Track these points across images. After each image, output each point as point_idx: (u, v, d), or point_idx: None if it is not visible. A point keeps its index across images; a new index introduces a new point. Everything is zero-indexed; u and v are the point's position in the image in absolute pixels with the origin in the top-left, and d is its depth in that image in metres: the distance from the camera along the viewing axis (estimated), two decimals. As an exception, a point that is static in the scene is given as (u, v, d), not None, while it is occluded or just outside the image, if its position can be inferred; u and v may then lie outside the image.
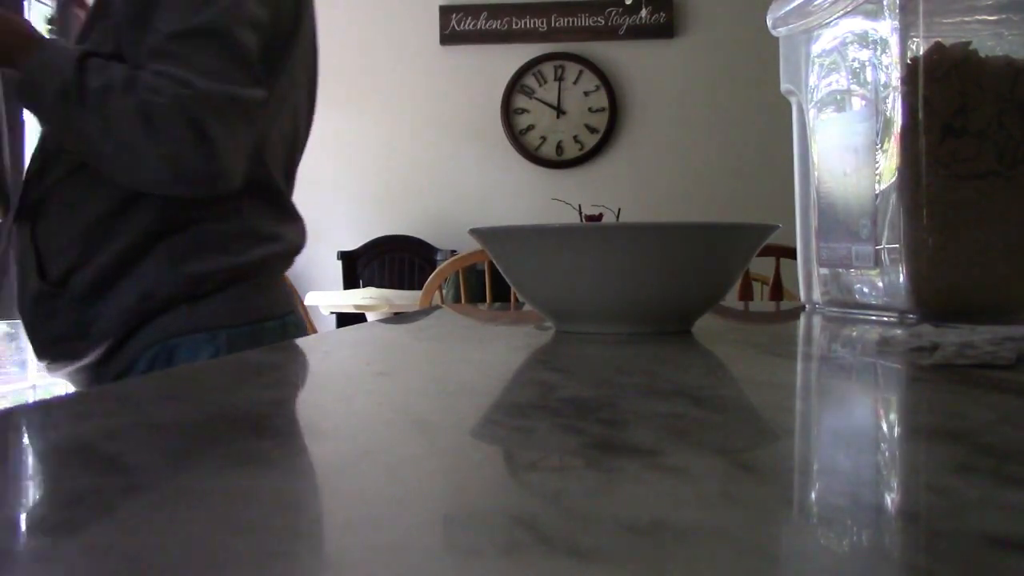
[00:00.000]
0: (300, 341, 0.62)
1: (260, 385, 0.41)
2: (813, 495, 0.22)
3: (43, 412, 0.33)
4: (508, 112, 4.10)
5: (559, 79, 4.11)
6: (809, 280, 0.89)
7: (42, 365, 1.02)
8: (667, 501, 0.20)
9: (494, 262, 0.65)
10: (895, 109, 0.71)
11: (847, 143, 0.80)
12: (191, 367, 0.47)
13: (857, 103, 0.78)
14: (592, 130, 4.07)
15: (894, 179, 0.71)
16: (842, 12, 0.79)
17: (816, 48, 0.86)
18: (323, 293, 3.35)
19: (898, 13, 0.70)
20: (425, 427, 0.31)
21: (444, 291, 2.34)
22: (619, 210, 3.76)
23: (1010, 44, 0.71)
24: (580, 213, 3.49)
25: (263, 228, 1.03)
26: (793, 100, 0.92)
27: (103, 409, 0.34)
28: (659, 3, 4.03)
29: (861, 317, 0.78)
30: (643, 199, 3.99)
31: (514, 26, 4.07)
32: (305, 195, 1.28)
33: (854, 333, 0.65)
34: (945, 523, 0.18)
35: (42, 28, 1.02)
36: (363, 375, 0.46)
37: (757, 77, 3.67)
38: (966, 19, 0.71)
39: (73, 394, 0.37)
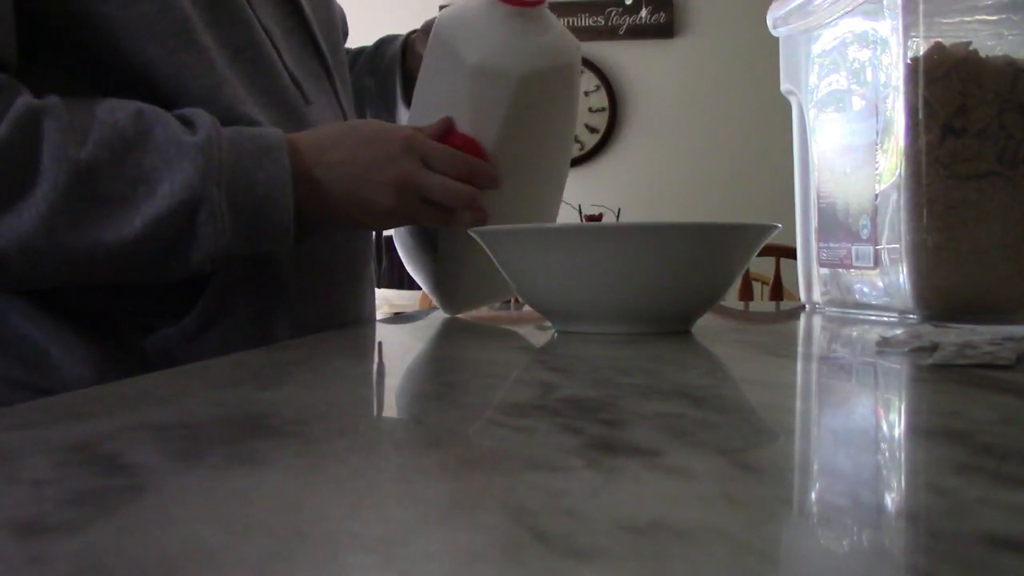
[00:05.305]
0: (300, 341, 0.62)
1: (260, 385, 0.41)
2: (813, 495, 0.22)
3: (42, 412, 0.33)
4: (508, 112, 4.09)
5: (559, 79, 4.10)
6: (809, 280, 0.89)
7: None
8: (667, 501, 0.20)
9: (495, 262, 0.65)
10: (895, 109, 0.71)
11: (847, 143, 0.80)
12: (191, 367, 0.47)
13: (857, 103, 0.78)
14: (592, 130, 4.07)
15: (894, 179, 0.71)
16: (842, 12, 0.79)
17: (816, 48, 0.86)
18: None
19: (898, 13, 0.70)
20: (425, 427, 0.31)
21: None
22: (619, 210, 3.76)
23: (1010, 44, 0.71)
24: (580, 213, 3.49)
25: None
26: (793, 100, 0.92)
27: (103, 409, 0.34)
28: (659, 3, 4.03)
29: (861, 317, 0.78)
30: (643, 199, 3.98)
31: (514, 26, 4.07)
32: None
33: (854, 333, 0.65)
34: (945, 523, 0.18)
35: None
36: (363, 375, 0.46)
37: (757, 77, 3.67)
38: (966, 19, 0.71)
39: (73, 394, 0.37)
